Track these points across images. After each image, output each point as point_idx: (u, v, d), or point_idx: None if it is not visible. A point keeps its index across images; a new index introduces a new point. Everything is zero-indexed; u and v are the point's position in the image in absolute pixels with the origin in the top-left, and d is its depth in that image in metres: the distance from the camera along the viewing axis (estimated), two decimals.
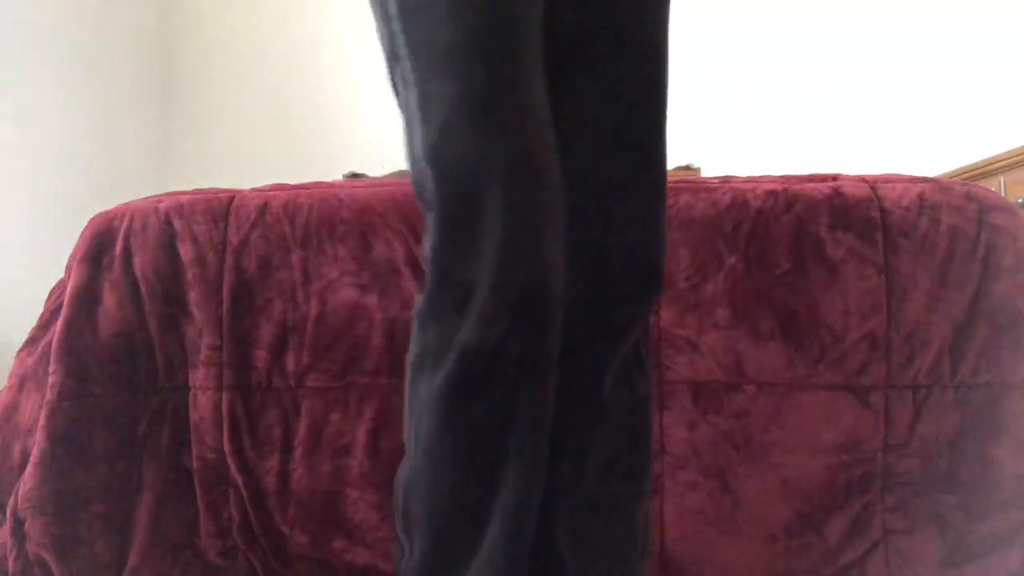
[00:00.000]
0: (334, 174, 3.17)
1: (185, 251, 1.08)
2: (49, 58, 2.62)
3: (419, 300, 0.67)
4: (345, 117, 3.38)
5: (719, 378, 1.02)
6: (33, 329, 1.15)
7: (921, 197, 1.04)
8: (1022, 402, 1.01)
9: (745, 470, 1.02)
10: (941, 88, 2.92)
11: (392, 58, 0.68)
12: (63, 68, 2.69)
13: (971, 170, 2.30)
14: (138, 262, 1.08)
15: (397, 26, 0.66)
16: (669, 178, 0.79)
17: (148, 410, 1.07)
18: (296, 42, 3.43)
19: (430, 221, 0.64)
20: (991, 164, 2.23)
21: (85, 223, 1.14)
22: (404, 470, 0.70)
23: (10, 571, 1.03)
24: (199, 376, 1.07)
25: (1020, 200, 2.09)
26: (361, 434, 1.05)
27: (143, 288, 1.08)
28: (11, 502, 1.04)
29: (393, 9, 0.66)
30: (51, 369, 1.05)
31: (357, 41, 3.41)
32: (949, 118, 2.88)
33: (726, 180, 1.11)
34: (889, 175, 1.10)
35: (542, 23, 0.67)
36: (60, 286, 1.16)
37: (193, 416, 1.07)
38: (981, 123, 2.70)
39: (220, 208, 1.10)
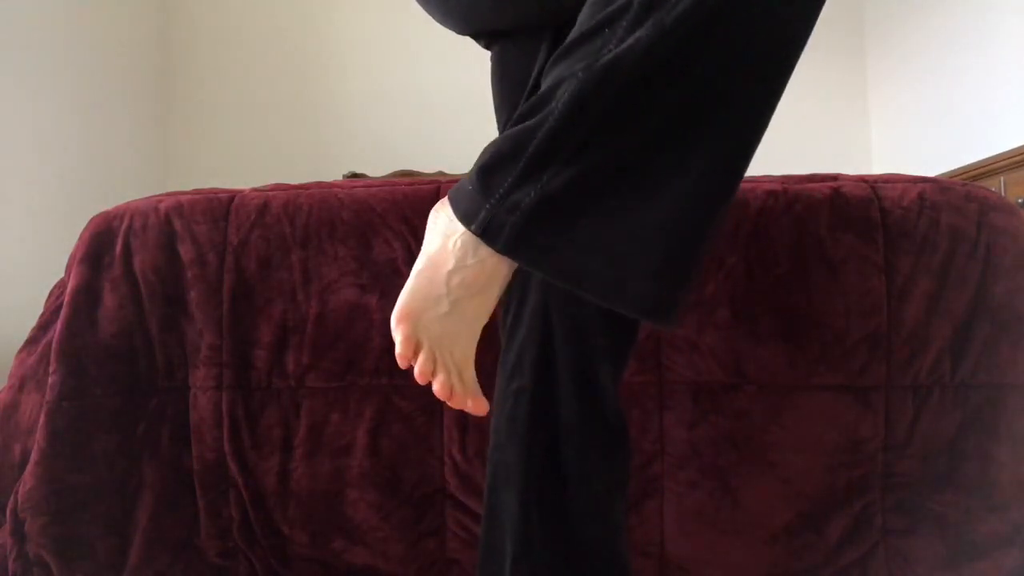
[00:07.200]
0: (334, 174, 3.18)
1: (185, 251, 1.08)
2: (49, 58, 2.62)
3: None
4: (345, 117, 3.38)
5: (719, 378, 1.02)
6: (33, 329, 1.15)
7: (921, 197, 1.04)
8: (1022, 402, 1.00)
9: (745, 470, 1.02)
10: (941, 88, 2.92)
11: None
12: (63, 68, 2.69)
13: (971, 170, 2.30)
14: (138, 262, 1.08)
15: None
16: None
17: (148, 410, 1.07)
18: (296, 42, 3.43)
19: None
20: (991, 164, 2.24)
21: (85, 223, 1.14)
22: None
23: (10, 571, 1.03)
24: (199, 376, 1.07)
25: (1020, 200, 2.09)
26: (361, 434, 1.05)
27: (143, 288, 1.08)
28: (11, 502, 1.04)
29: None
30: (51, 369, 1.05)
31: (357, 40, 3.42)
32: (949, 118, 2.88)
33: None
34: (889, 175, 1.10)
35: None
36: (60, 286, 1.16)
37: (193, 416, 1.07)
38: (981, 123, 2.70)
39: (220, 208, 1.10)
